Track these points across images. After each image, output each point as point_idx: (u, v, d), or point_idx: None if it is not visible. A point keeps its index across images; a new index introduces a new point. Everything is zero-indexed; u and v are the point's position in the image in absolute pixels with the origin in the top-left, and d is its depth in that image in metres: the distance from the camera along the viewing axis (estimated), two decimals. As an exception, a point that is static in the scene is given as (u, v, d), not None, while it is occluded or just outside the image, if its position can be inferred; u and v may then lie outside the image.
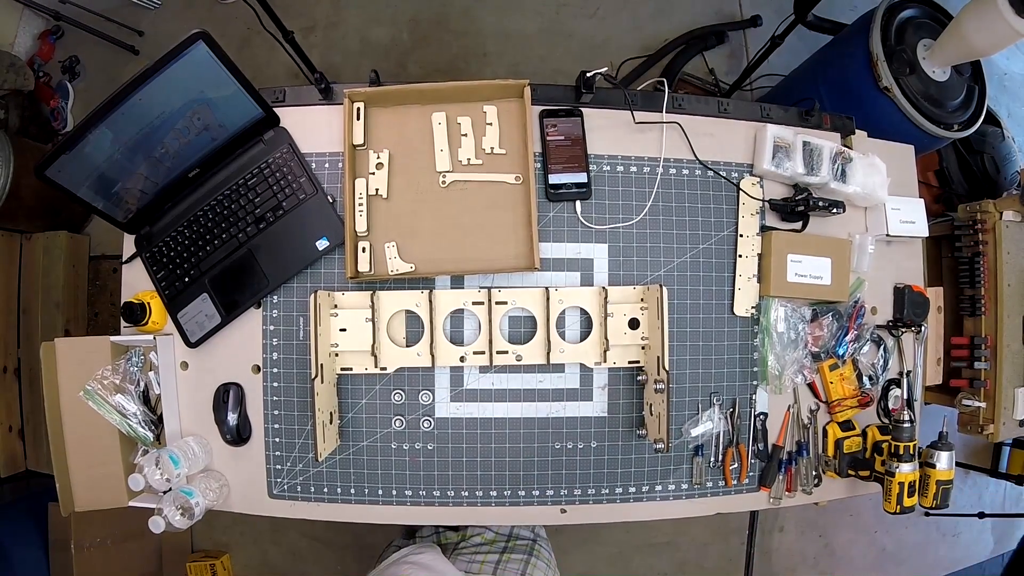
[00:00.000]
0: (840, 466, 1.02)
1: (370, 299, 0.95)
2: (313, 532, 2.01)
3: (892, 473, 0.94)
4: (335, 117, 0.99)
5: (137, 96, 0.84)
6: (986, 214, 1.35)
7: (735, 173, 1.04)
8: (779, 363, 1.01)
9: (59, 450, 0.97)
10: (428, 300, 0.95)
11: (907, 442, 0.94)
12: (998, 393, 1.32)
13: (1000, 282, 1.33)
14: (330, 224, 0.98)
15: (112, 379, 0.96)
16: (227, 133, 0.95)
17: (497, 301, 0.96)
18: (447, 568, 0.85)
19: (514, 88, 0.97)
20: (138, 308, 0.95)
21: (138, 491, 0.92)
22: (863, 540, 2.22)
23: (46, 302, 1.79)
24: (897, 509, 0.94)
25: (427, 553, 0.86)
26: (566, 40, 2.17)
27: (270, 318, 0.99)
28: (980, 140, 1.89)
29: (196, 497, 0.91)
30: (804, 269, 1.02)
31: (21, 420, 1.77)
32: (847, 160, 1.05)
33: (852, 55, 1.50)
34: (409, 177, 0.98)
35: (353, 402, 0.99)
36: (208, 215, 0.98)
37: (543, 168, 0.99)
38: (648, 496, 1.01)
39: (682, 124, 1.02)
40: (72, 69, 2.10)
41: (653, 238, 1.02)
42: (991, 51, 1.37)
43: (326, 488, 0.99)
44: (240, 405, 0.98)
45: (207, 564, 1.92)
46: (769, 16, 2.11)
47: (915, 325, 1.10)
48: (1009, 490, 2.30)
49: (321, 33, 2.13)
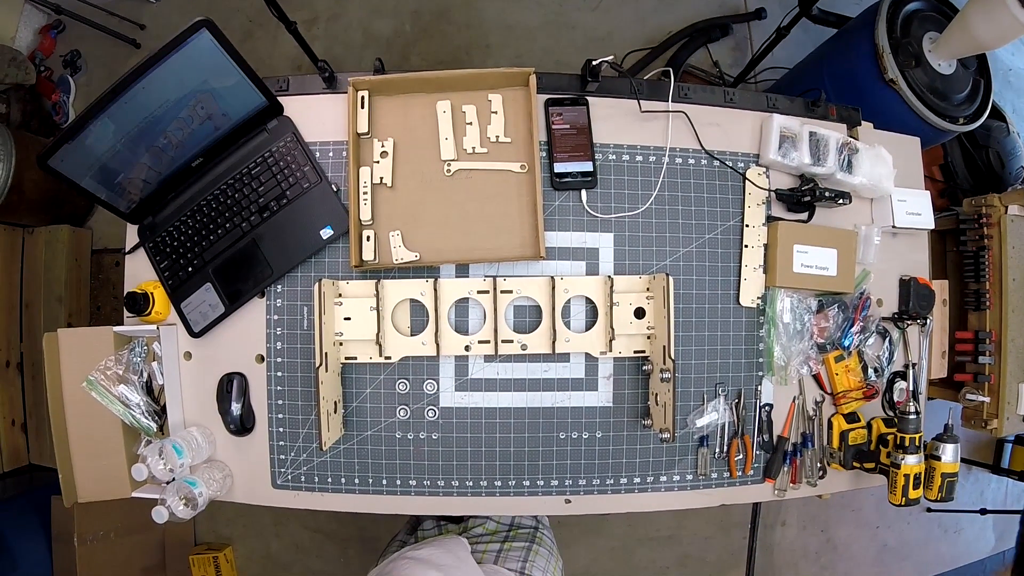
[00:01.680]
0: (845, 458, 1.02)
1: (375, 288, 0.94)
2: (316, 524, 2.01)
3: (897, 465, 0.94)
4: (339, 106, 0.98)
5: (140, 84, 0.83)
6: (991, 208, 1.34)
7: (741, 163, 1.04)
8: (784, 354, 1.01)
9: (62, 441, 0.97)
10: (433, 289, 0.95)
11: (913, 434, 0.93)
12: (1002, 388, 1.32)
13: (1005, 276, 1.33)
14: (334, 213, 0.97)
15: (115, 369, 0.96)
16: (231, 122, 0.95)
17: (502, 290, 0.95)
18: (449, 560, 0.84)
19: (519, 76, 0.96)
20: (141, 298, 0.95)
21: (141, 481, 0.92)
22: (865, 535, 2.22)
23: (48, 296, 1.79)
24: (902, 501, 0.94)
25: (426, 548, 0.85)
26: (569, 32, 2.16)
27: (274, 307, 0.99)
28: (985, 135, 1.88)
29: (199, 487, 0.90)
30: (810, 260, 1.02)
31: (24, 414, 1.77)
32: (853, 151, 1.04)
33: (857, 48, 1.49)
34: (414, 166, 0.97)
35: (357, 391, 0.98)
36: (211, 205, 0.98)
37: (548, 156, 0.99)
38: (652, 487, 1.01)
39: (688, 113, 1.01)
40: (73, 63, 2.10)
41: (659, 228, 1.01)
42: (997, 44, 1.37)
43: (330, 478, 0.99)
44: (244, 395, 0.98)
45: (210, 557, 1.93)
46: (773, 9, 2.10)
47: (920, 317, 1.09)
48: (1011, 487, 2.30)
49: (323, 25, 2.13)
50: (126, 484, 0.97)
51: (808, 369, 1.02)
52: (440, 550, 0.84)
